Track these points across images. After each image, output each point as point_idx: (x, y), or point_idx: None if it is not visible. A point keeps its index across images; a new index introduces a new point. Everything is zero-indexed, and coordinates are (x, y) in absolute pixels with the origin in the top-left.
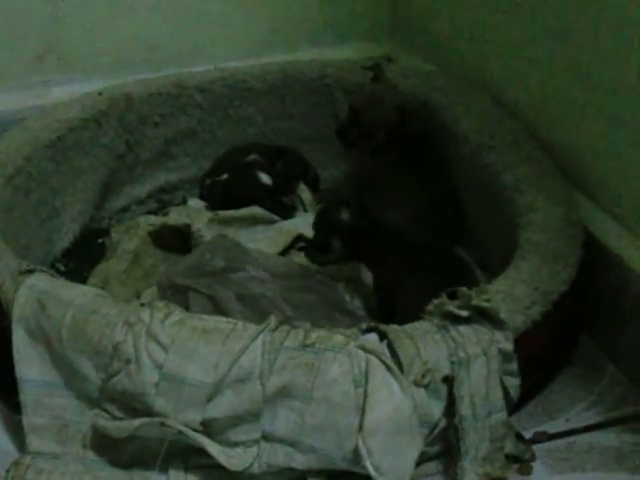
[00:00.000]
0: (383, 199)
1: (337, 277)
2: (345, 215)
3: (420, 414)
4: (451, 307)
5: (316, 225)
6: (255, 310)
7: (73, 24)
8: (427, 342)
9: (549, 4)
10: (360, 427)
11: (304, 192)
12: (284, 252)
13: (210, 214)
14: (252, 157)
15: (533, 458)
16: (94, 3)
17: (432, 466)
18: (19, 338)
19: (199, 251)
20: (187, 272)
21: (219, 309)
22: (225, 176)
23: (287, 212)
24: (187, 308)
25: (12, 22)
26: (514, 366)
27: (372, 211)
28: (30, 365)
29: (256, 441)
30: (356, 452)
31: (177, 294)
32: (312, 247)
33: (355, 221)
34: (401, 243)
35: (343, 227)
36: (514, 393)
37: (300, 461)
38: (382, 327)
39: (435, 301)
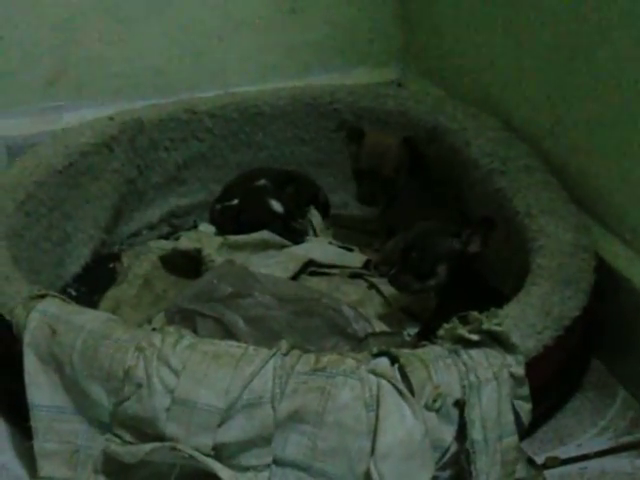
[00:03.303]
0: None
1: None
2: (457, 243)
3: (431, 438)
4: (462, 331)
5: (423, 252)
6: (263, 331)
7: (84, 50)
8: (438, 366)
9: (560, 28)
10: (372, 451)
11: (314, 217)
12: (295, 277)
13: (221, 239)
14: (262, 182)
15: None
16: (105, 29)
17: None
18: (30, 363)
19: (206, 277)
20: (194, 298)
21: (227, 331)
22: (235, 201)
23: (297, 237)
24: (195, 333)
25: (23, 48)
26: (525, 390)
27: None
28: (41, 390)
29: (267, 466)
30: (368, 476)
31: (185, 320)
32: (406, 274)
33: (469, 248)
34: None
35: (455, 254)
36: (525, 417)
37: None
38: (393, 351)
39: (446, 325)
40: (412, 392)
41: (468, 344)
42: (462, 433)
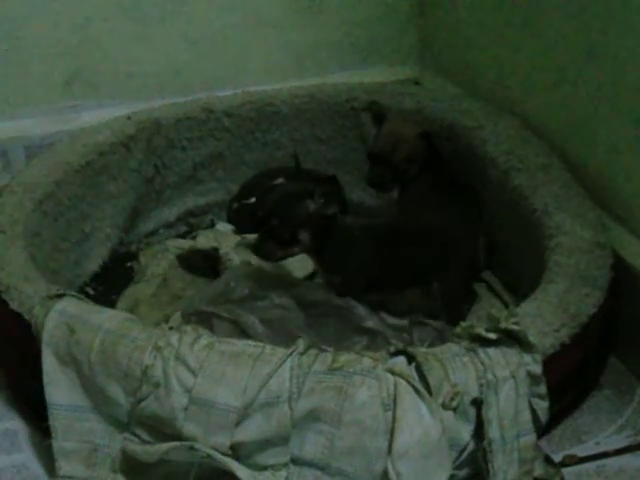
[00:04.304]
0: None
1: None
2: (312, 205)
3: (449, 437)
4: (480, 330)
5: (280, 218)
6: (280, 333)
7: (101, 49)
8: (456, 365)
9: (576, 26)
10: (389, 450)
11: None
12: (312, 275)
13: (238, 238)
14: (279, 181)
15: None
16: (122, 29)
17: None
18: (49, 362)
19: (223, 279)
20: (211, 300)
21: (244, 333)
22: (252, 200)
23: None
24: None
25: (41, 48)
26: (543, 389)
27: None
28: (60, 389)
29: (285, 465)
30: (385, 476)
31: (201, 321)
32: (268, 242)
33: (325, 210)
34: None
35: (312, 218)
36: (543, 416)
37: None
38: (410, 350)
39: (463, 324)
40: (429, 391)
41: (485, 343)
42: (479, 432)
